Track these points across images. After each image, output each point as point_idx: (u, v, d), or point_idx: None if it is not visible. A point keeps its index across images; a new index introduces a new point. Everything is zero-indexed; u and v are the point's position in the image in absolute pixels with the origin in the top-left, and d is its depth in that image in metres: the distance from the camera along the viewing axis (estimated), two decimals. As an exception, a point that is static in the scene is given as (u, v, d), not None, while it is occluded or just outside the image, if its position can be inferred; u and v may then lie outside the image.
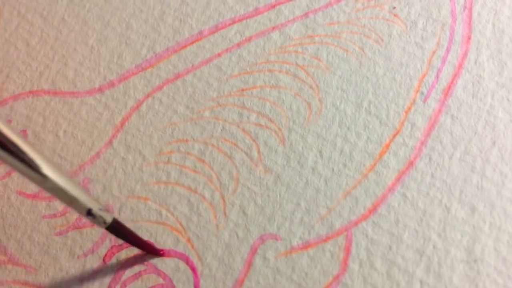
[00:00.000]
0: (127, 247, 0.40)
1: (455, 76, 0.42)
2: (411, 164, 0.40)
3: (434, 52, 0.43)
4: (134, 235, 0.39)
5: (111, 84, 0.45)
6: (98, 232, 0.40)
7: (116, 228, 0.37)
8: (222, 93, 0.44)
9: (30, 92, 0.45)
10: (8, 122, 0.44)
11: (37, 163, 0.32)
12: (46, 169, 0.32)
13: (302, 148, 0.41)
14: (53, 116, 0.44)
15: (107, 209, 0.36)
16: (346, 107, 0.42)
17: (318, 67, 0.44)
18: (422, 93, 0.42)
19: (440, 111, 0.41)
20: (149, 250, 0.39)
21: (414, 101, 0.42)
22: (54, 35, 0.47)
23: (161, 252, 0.40)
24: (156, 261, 0.39)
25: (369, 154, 0.41)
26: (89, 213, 0.35)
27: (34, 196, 0.42)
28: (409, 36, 0.44)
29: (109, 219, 0.36)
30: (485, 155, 0.40)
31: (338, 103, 0.42)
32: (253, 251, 0.39)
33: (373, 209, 0.39)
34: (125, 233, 0.38)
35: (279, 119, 0.42)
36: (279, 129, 0.42)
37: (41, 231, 0.41)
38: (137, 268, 0.39)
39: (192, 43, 0.46)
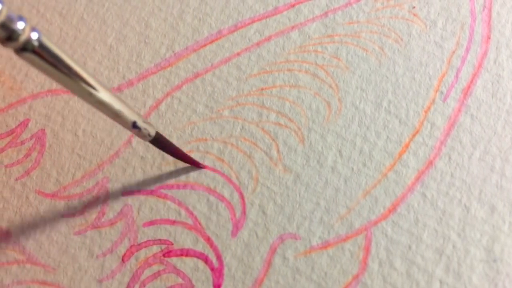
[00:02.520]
0: (146, 247, 0.40)
1: (475, 75, 0.42)
2: (430, 163, 0.40)
3: (453, 52, 0.43)
4: (176, 148, 0.40)
5: (130, 83, 0.45)
6: (117, 231, 0.40)
7: (160, 141, 0.39)
8: (242, 92, 0.43)
9: (49, 91, 0.45)
10: (27, 121, 0.44)
11: (87, 79, 0.33)
12: (95, 84, 0.33)
13: (322, 147, 0.41)
14: (72, 115, 0.44)
15: (149, 122, 0.37)
16: (365, 107, 0.42)
17: (337, 66, 0.44)
18: (442, 92, 0.42)
19: (459, 110, 0.41)
20: (191, 162, 0.41)
21: (433, 101, 0.42)
22: (73, 34, 0.47)
23: (202, 165, 0.41)
24: (175, 260, 0.39)
25: (388, 154, 0.41)
26: (135, 125, 0.36)
27: (53, 196, 0.42)
28: (429, 36, 0.44)
29: (153, 132, 0.37)
30: (504, 154, 0.40)
31: (357, 103, 0.42)
32: (273, 251, 0.39)
33: (393, 208, 0.39)
34: (167, 146, 0.40)
35: (299, 119, 0.42)
36: (299, 128, 0.42)
37: (60, 231, 0.41)
38: (156, 267, 0.39)
39: (212, 42, 0.45)
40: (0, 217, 0.41)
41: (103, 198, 0.41)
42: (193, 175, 0.41)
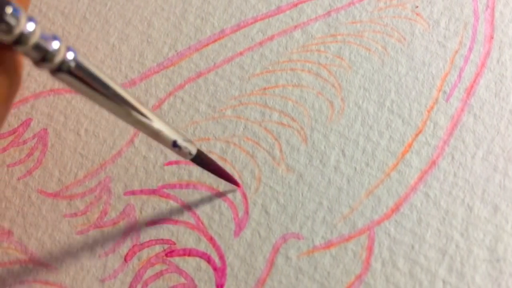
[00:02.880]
0: (148, 246, 0.40)
1: (478, 75, 0.42)
2: (433, 163, 0.40)
3: (456, 51, 0.43)
4: (217, 165, 0.40)
5: (133, 83, 0.45)
6: (119, 231, 0.40)
7: (201, 158, 0.38)
8: (244, 92, 0.43)
9: (52, 90, 0.45)
10: (29, 120, 0.44)
11: (126, 97, 0.32)
12: (134, 103, 0.33)
13: (325, 147, 0.41)
14: (75, 115, 0.44)
15: (190, 140, 0.37)
16: (368, 106, 0.42)
17: (340, 66, 0.44)
18: (445, 92, 0.42)
19: (462, 110, 0.41)
20: (231, 180, 0.41)
21: (436, 100, 0.42)
22: (76, 33, 0.47)
23: (239, 184, 0.41)
24: (178, 260, 0.39)
25: (391, 153, 0.41)
26: (175, 144, 0.35)
27: (55, 195, 0.42)
28: (432, 35, 0.44)
29: (194, 150, 0.37)
30: (507, 154, 0.40)
31: (360, 102, 0.42)
32: (275, 251, 0.39)
33: (396, 208, 0.39)
34: (208, 164, 0.39)
35: (302, 118, 0.42)
36: (302, 128, 0.42)
37: (62, 230, 0.41)
38: (158, 267, 0.39)
39: (214, 41, 0.45)
40: (2, 216, 0.41)
41: (105, 198, 0.41)
42: (196, 174, 0.41)
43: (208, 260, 0.39)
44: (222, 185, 0.41)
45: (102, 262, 0.40)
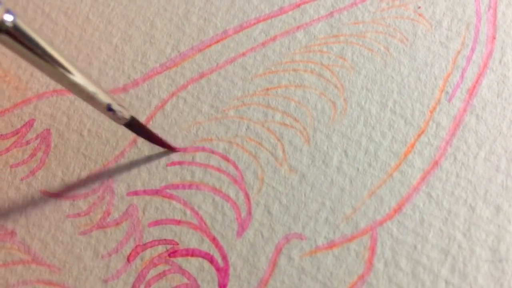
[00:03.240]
0: (151, 247, 0.40)
1: (480, 75, 0.42)
2: (436, 163, 0.40)
3: (459, 52, 0.43)
4: (150, 132, 0.41)
5: (136, 83, 0.45)
6: (122, 231, 0.40)
7: (134, 125, 0.39)
8: (247, 92, 0.43)
9: (55, 91, 0.45)
10: (32, 121, 0.44)
11: (61, 61, 0.33)
12: (69, 66, 0.34)
13: (327, 147, 0.41)
14: (77, 115, 0.44)
15: (124, 106, 0.38)
16: (371, 107, 0.42)
17: (343, 66, 0.44)
18: (447, 92, 0.42)
19: (465, 110, 0.41)
20: (166, 146, 0.42)
21: (439, 101, 0.42)
22: (79, 34, 0.47)
23: (178, 149, 0.42)
24: (180, 260, 0.39)
25: (394, 154, 0.41)
26: (109, 108, 0.36)
27: (58, 196, 0.42)
28: (434, 36, 0.44)
29: (127, 115, 0.38)
30: (510, 154, 0.40)
31: (363, 103, 0.42)
32: (278, 251, 0.39)
33: (398, 208, 0.39)
34: (142, 130, 0.40)
35: (304, 119, 0.42)
36: (304, 128, 0.42)
37: (65, 231, 0.41)
38: (161, 267, 0.39)
39: (217, 42, 0.45)
40: (5, 217, 0.41)
41: (108, 198, 0.41)
42: (199, 175, 0.41)
43: (211, 260, 0.39)
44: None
45: (105, 262, 0.40)
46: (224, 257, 0.39)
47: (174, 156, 0.42)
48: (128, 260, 0.39)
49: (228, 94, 0.44)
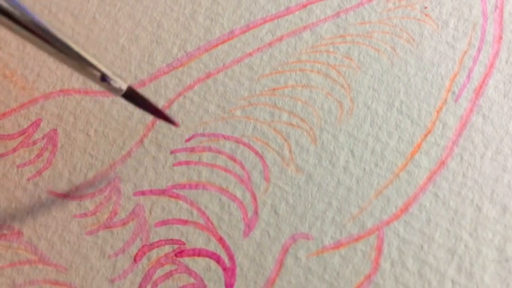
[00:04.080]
0: (158, 247, 0.40)
1: (487, 75, 0.42)
2: (442, 163, 0.40)
3: (465, 52, 0.43)
4: (149, 102, 0.39)
5: (142, 83, 0.45)
6: (129, 231, 0.40)
7: (133, 96, 0.37)
8: (254, 92, 0.44)
9: (61, 91, 0.45)
10: (39, 121, 0.44)
11: (52, 32, 0.33)
12: (60, 36, 0.33)
13: (334, 147, 0.41)
14: (84, 115, 0.44)
15: (121, 76, 0.36)
16: (377, 107, 0.42)
17: (349, 66, 0.44)
18: (454, 92, 0.42)
19: (471, 110, 0.41)
20: (166, 119, 0.40)
21: (445, 101, 0.42)
22: (85, 34, 0.47)
23: (177, 123, 0.41)
24: (187, 260, 0.39)
25: (400, 154, 0.41)
26: (103, 78, 0.35)
27: (65, 196, 0.42)
28: (441, 36, 0.44)
29: (124, 85, 0.36)
30: (516, 155, 0.40)
31: (369, 103, 0.42)
32: (285, 251, 0.39)
33: (405, 208, 0.39)
34: (142, 101, 0.38)
35: (311, 119, 0.42)
36: (311, 128, 0.42)
37: (72, 231, 0.41)
38: (168, 267, 0.39)
39: (224, 42, 0.46)
40: (12, 217, 0.41)
41: (115, 198, 0.41)
42: (205, 175, 0.41)
43: (218, 260, 0.39)
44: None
45: (112, 262, 0.40)
46: (231, 257, 0.39)
47: (181, 156, 0.42)
48: (134, 260, 0.39)
49: (234, 94, 0.44)
